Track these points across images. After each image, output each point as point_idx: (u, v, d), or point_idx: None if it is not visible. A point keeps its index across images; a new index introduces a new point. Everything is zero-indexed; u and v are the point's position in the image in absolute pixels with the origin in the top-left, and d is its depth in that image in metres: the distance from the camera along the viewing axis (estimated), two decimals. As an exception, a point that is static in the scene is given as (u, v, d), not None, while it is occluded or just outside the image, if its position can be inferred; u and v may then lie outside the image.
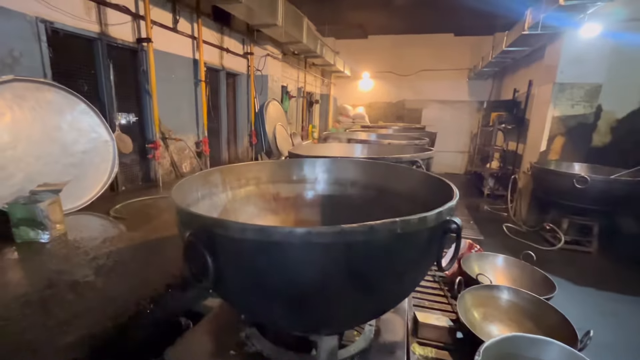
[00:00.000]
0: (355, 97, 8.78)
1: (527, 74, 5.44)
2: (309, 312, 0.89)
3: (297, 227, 0.73)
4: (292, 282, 0.82)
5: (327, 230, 0.73)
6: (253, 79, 4.69)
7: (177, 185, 1.08)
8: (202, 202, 1.39)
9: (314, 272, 0.81)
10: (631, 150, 3.76)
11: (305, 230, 0.73)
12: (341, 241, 0.75)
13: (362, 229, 0.74)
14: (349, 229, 0.75)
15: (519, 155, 5.27)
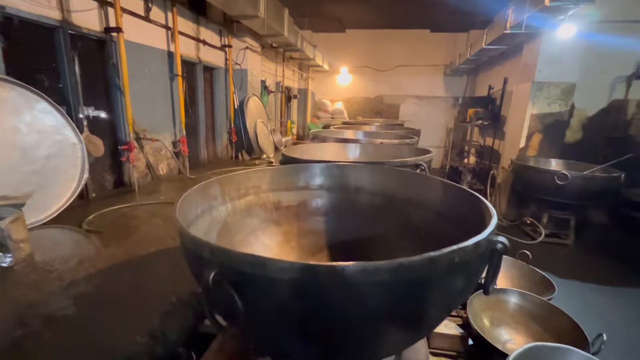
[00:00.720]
0: (333, 92, 8.68)
1: (502, 72, 5.61)
2: (346, 346, 0.82)
3: (348, 264, 0.63)
4: (335, 320, 0.73)
5: (384, 267, 0.64)
6: (232, 73, 4.44)
7: (178, 207, 0.93)
8: (202, 219, 1.25)
9: (363, 308, 0.72)
10: (600, 146, 3.99)
11: (360, 266, 0.63)
12: (398, 276, 0.66)
13: (421, 262, 0.66)
14: (408, 263, 0.66)
15: (495, 151, 5.45)
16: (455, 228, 1.27)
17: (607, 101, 3.95)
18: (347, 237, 1.66)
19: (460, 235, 1.23)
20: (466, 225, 1.24)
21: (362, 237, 1.63)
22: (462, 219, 1.26)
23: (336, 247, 1.64)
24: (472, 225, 1.17)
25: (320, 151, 2.55)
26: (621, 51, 3.74)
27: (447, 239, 1.26)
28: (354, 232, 1.66)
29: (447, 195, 1.35)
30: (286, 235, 1.64)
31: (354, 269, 0.63)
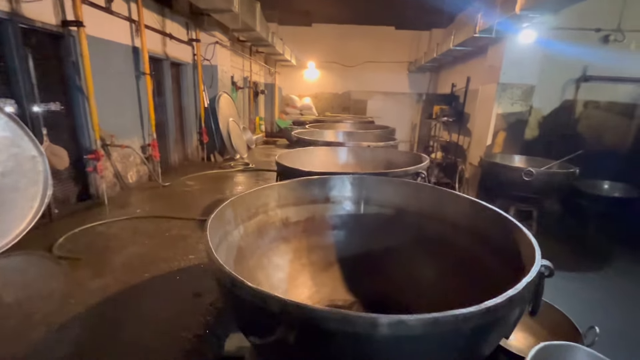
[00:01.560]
0: (301, 87, 8.55)
1: (464, 70, 5.91)
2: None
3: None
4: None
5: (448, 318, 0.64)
6: (201, 70, 4.16)
7: (211, 248, 0.85)
8: (220, 248, 1.16)
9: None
10: (554, 142, 4.39)
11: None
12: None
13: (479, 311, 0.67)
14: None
15: (460, 146, 5.76)
16: (477, 243, 1.31)
17: (560, 101, 4.35)
18: (357, 250, 1.65)
19: (480, 247, 1.27)
20: (486, 237, 1.28)
21: (372, 250, 1.63)
22: (483, 233, 1.31)
23: (346, 261, 1.62)
24: (496, 238, 1.21)
25: (312, 157, 2.49)
26: (571, 56, 4.13)
27: (463, 250, 1.29)
28: (363, 244, 1.65)
29: (465, 210, 1.39)
30: (296, 253, 1.58)
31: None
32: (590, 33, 4.12)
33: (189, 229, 2.15)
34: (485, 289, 1.22)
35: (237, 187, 3.24)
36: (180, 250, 1.83)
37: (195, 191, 3.03)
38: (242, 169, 4.02)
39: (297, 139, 3.12)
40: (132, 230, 2.08)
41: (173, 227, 2.17)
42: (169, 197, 2.84)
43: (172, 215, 2.33)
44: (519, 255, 1.11)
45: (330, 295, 1.52)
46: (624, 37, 4.01)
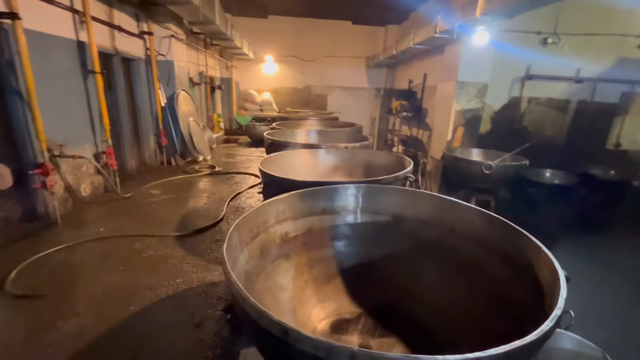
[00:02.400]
0: (259, 82, 8.27)
1: (421, 67, 6.17)
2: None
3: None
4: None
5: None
6: (155, 65, 3.79)
7: (244, 293, 0.77)
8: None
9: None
10: (504, 135, 4.80)
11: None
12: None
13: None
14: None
15: (420, 141, 6.05)
16: (475, 247, 1.37)
17: (508, 98, 4.75)
18: (356, 260, 1.64)
19: (478, 251, 1.33)
20: (485, 242, 1.34)
21: (372, 258, 1.63)
22: (480, 237, 1.37)
23: (347, 272, 1.61)
24: (495, 242, 1.28)
25: (294, 162, 2.42)
26: (517, 57, 4.52)
27: (461, 255, 1.34)
28: (362, 253, 1.65)
29: (462, 215, 1.44)
30: (297, 269, 1.52)
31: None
32: (532, 35, 4.53)
33: (167, 247, 1.97)
34: (486, 292, 1.29)
35: (209, 194, 3.04)
36: (164, 274, 1.67)
37: (163, 202, 2.79)
38: (210, 172, 3.79)
39: (271, 141, 3.01)
40: (101, 255, 1.85)
41: (148, 246, 1.97)
42: (134, 210, 2.57)
43: (144, 233, 2.11)
44: (517, 256, 1.19)
45: (337, 309, 1.50)
46: (559, 40, 4.48)
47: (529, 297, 1.11)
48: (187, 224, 2.32)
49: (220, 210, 2.59)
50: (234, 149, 5.67)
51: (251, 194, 3.12)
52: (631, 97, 4.87)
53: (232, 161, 4.54)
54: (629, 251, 3.94)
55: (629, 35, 4.61)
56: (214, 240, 2.09)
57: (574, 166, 4.59)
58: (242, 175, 3.80)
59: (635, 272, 3.77)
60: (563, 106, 4.88)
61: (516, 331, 1.09)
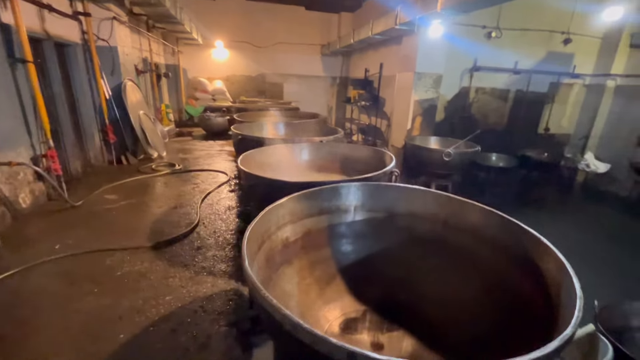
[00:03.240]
0: (209, 69, 7.74)
1: (377, 57, 6.29)
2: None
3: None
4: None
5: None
6: (95, 52, 3.33)
7: (286, 312, 0.72)
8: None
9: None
10: (456, 123, 5.16)
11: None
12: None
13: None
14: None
15: (378, 129, 6.23)
16: (468, 238, 1.46)
17: (458, 88, 5.08)
18: (354, 257, 1.65)
19: (471, 242, 1.42)
20: (480, 234, 1.44)
21: (369, 254, 1.66)
22: (475, 230, 1.46)
23: (346, 270, 1.61)
24: (487, 234, 1.36)
25: (273, 159, 2.34)
26: (466, 49, 4.83)
27: (453, 246, 1.42)
28: (359, 250, 1.66)
29: (453, 209, 1.52)
30: (300, 273, 1.48)
31: None
32: (478, 29, 4.87)
33: (144, 261, 1.78)
34: (482, 279, 1.39)
35: (175, 196, 2.81)
36: (148, 293, 1.52)
37: (123, 208, 2.51)
38: (170, 171, 3.49)
39: (241, 137, 2.85)
40: (65, 277, 1.61)
41: (121, 262, 1.76)
42: (90, 220, 2.27)
43: (112, 247, 1.89)
44: (510, 245, 1.29)
45: (342, 309, 1.50)
46: (501, 34, 4.87)
47: (524, 283, 1.22)
48: (158, 232, 2.12)
49: (192, 214, 2.41)
50: (189, 142, 5.30)
51: (222, 193, 2.95)
52: (557, 87, 5.53)
53: (190, 157, 4.24)
54: (561, 221, 4.54)
55: (556, 31, 5.19)
56: (195, 249, 1.94)
57: (513, 150, 5.13)
58: (207, 172, 3.58)
59: (565, 239, 4.39)
60: (504, 95, 5.37)
61: (514, 315, 1.20)
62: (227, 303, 1.48)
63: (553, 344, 0.71)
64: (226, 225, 2.27)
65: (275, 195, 1.59)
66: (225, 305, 1.47)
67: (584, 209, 4.99)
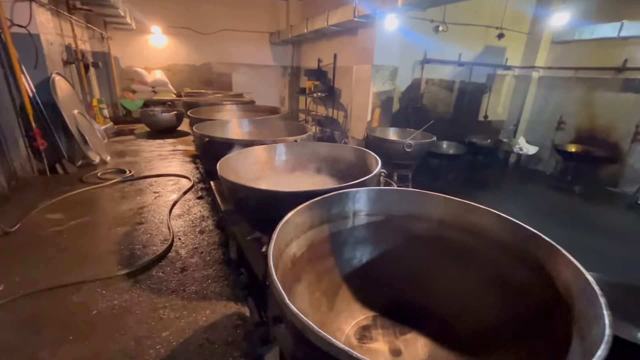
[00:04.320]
0: (146, 58, 6.96)
1: (330, 47, 6.24)
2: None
3: None
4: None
5: None
6: (11, 41, 2.74)
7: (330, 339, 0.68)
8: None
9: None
10: (410, 113, 5.41)
11: None
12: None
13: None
14: None
15: (335, 120, 6.26)
16: (467, 235, 1.54)
17: (411, 80, 5.31)
18: (355, 263, 1.64)
19: (470, 239, 1.50)
20: (477, 229, 1.52)
21: (372, 258, 1.66)
22: (471, 226, 1.54)
23: (349, 277, 1.60)
24: (483, 228, 1.46)
25: (254, 163, 2.19)
26: (417, 42, 5.04)
27: (453, 243, 1.51)
28: (360, 255, 1.65)
29: (446, 208, 1.58)
30: (309, 288, 1.43)
31: None
32: (427, 23, 5.09)
33: (122, 292, 1.56)
34: (482, 274, 1.49)
35: (136, 208, 2.50)
36: (139, 331, 1.33)
37: (75, 230, 2.16)
38: (121, 179, 3.09)
39: (209, 139, 2.63)
40: (25, 327, 1.34)
41: (91, 298, 1.52)
42: (35, 248, 1.92)
43: (76, 280, 1.62)
44: (505, 240, 1.39)
45: (353, 318, 1.48)
46: (447, 28, 5.16)
47: (524, 275, 1.32)
48: (129, 255, 1.88)
49: (163, 229, 2.18)
50: (134, 143, 4.76)
51: (190, 201, 2.71)
52: (493, 78, 6.09)
53: (140, 160, 3.81)
54: (502, 199, 5.09)
55: (492, 26, 5.66)
56: (179, 270, 1.76)
57: (459, 137, 5.57)
58: (165, 178, 3.25)
59: (506, 213, 4.96)
60: (450, 86, 5.76)
61: (516, 303, 1.31)
62: (233, 330, 1.37)
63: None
64: (207, 239, 2.10)
65: (273, 207, 1.50)
66: (232, 333, 1.36)
67: (518, 187, 5.65)
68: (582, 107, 5.55)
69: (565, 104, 5.76)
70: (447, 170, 5.27)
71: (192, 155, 4.09)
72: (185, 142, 4.87)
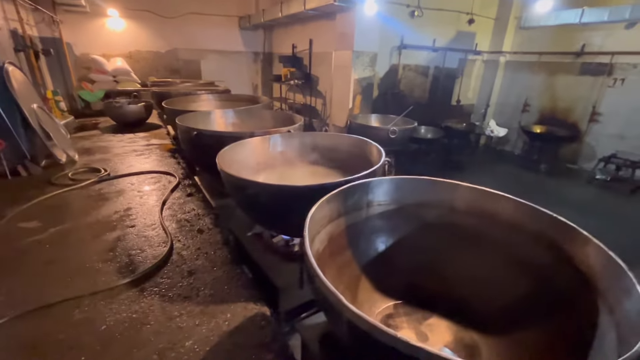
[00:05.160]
0: (104, 44, 6.37)
1: (304, 32, 6.08)
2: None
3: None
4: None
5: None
6: (-50, 26, 2.36)
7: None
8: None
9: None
10: (389, 99, 5.46)
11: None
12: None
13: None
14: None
15: (314, 108, 6.17)
16: (475, 218, 1.59)
17: (389, 66, 5.33)
18: (372, 254, 1.65)
19: (476, 221, 1.56)
20: (485, 213, 1.57)
21: (385, 248, 1.67)
22: (481, 211, 1.59)
23: (366, 267, 1.60)
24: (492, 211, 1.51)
25: (253, 157, 2.10)
26: (394, 27, 5.04)
27: (462, 226, 1.56)
28: (375, 246, 1.65)
29: (454, 194, 1.62)
30: (333, 283, 1.35)
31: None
32: (403, 8, 5.10)
33: (130, 303, 1.45)
34: (494, 253, 1.55)
35: (121, 211, 2.32)
36: (160, 343, 1.25)
37: (56, 238, 1.96)
38: (97, 179, 2.84)
39: (197, 132, 2.47)
40: (24, 351, 1.20)
41: (96, 312, 1.39)
42: (16, 262, 1.73)
43: (73, 295, 1.48)
44: (518, 222, 1.45)
45: (377, 308, 1.49)
46: (422, 13, 5.21)
47: (540, 255, 1.39)
48: (127, 262, 1.74)
49: (158, 231, 2.05)
50: (102, 138, 4.39)
51: (181, 199, 2.57)
52: (464, 63, 6.29)
53: (113, 157, 3.52)
54: (476, 179, 5.35)
55: (462, 12, 5.80)
56: (187, 274, 1.67)
57: (434, 121, 5.73)
58: (146, 175, 3.04)
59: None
60: (425, 71, 5.87)
61: (541, 285, 1.38)
62: (260, 332, 1.33)
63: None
64: (208, 238, 2.00)
65: (288, 203, 1.46)
66: (259, 335, 1.31)
67: (490, 167, 5.97)
68: (545, 90, 5.92)
69: (530, 87, 6.11)
70: (425, 154, 5.42)
71: (170, 150, 3.86)
72: (159, 136, 4.58)
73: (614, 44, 4.97)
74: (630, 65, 4.87)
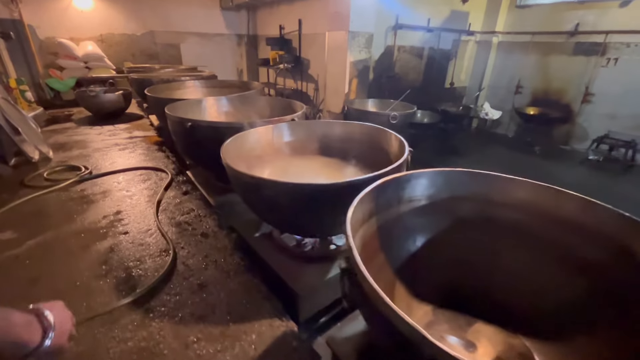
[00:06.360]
0: (71, 27, 5.79)
1: (292, 12, 5.73)
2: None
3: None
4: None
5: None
6: None
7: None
8: None
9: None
10: (384, 83, 5.25)
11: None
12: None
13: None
14: None
15: (305, 94, 5.90)
16: (515, 212, 1.45)
17: (384, 47, 5.10)
18: (405, 256, 1.49)
19: (525, 216, 1.43)
20: (525, 207, 1.44)
21: (417, 248, 1.52)
22: (524, 204, 1.46)
23: (401, 272, 1.44)
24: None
25: (253, 148, 1.89)
26: (389, 7, 4.78)
27: (507, 222, 1.43)
28: (408, 248, 1.50)
29: (495, 186, 1.48)
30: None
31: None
32: (398, -15, 4.84)
33: (134, 328, 1.24)
34: (535, 249, 1.43)
35: (111, 216, 2.06)
36: (178, 378, 1.06)
37: (36, 252, 1.70)
38: (77, 178, 2.54)
39: (192, 124, 2.21)
40: None
41: (98, 341, 1.18)
42: (-11, 282, 1.47)
43: (83, 317, 1.25)
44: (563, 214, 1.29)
45: (415, 314, 1.35)
46: (417, -10, 4.97)
47: (594, 253, 1.26)
48: (124, 277, 1.52)
49: (156, 237, 1.82)
50: (76, 131, 4.00)
51: (176, 198, 2.32)
52: (458, 44, 6.13)
53: (91, 153, 3.19)
54: (473, 162, 5.30)
55: (457, -11, 5.59)
56: (197, 288, 1.46)
57: (429, 105, 5.60)
58: (133, 173, 2.76)
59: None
60: (420, 53, 5.68)
61: (595, 285, 1.27)
62: (293, 354, 1.16)
63: None
64: (215, 243, 1.79)
65: (309, 202, 1.29)
66: (294, 358, 1.14)
67: (485, 150, 5.94)
68: (538, 71, 5.87)
69: (522, 69, 6.05)
70: (423, 139, 5.31)
71: (156, 143, 3.55)
72: (142, 127, 4.22)
73: (608, 23, 4.92)
74: (623, 45, 4.85)
